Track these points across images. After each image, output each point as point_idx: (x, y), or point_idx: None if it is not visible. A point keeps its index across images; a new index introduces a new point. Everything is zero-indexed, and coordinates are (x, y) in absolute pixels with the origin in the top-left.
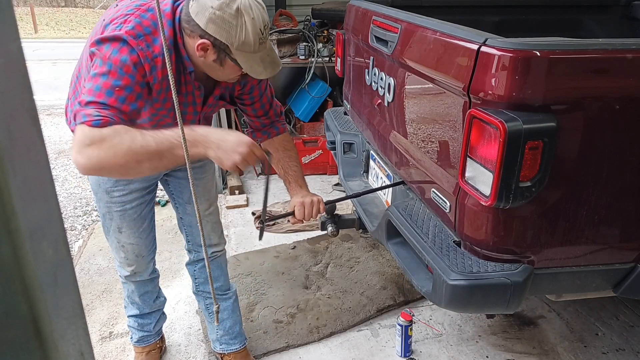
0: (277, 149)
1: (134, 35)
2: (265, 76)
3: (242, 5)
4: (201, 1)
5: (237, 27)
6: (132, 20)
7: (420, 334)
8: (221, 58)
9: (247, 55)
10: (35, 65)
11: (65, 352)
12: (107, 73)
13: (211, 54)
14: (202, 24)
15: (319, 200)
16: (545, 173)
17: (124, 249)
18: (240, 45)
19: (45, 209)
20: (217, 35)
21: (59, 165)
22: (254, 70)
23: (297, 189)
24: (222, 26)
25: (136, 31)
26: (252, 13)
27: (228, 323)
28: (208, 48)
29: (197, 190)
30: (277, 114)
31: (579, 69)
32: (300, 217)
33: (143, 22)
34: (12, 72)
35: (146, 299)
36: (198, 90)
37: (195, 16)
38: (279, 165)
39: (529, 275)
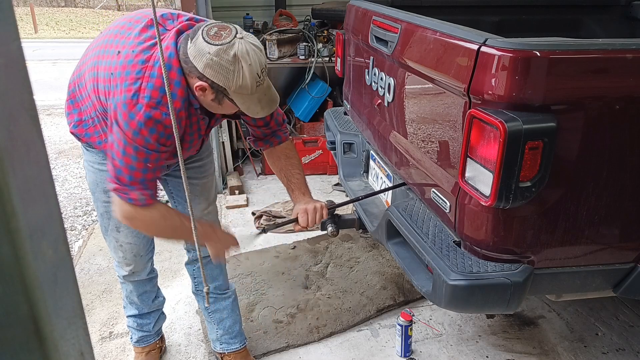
0: (279, 157)
1: (154, 106)
2: (262, 115)
3: (240, 52)
4: (199, 45)
5: (235, 73)
6: (145, 87)
7: (420, 334)
8: (219, 98)
9: (245, 97)
10: (35, 65)
11: (65, 352)
12: (136, 154)
13: (209, 94)
14: (199, 68)
15: (322, 207)
16: (545, 173)
17: (122, 248)
18: (237, 89)
19: (45, 209)
20: (214, 79)
21: (59, 165)
22: (251, 110)
23: (300, 196)
24: (219, 71)
25: (154, 100)
26: (249, 59)
27: (228, 322)
28: (206, 89)
29: (196, 190)
30: (278, 123)
31: (579, 69)
32: (304, 224)
33: (156, 84)
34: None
35: (145, 299)
36: (202, 121)
37: (193, 59)
38: (281, 174)
39: (529, 275)
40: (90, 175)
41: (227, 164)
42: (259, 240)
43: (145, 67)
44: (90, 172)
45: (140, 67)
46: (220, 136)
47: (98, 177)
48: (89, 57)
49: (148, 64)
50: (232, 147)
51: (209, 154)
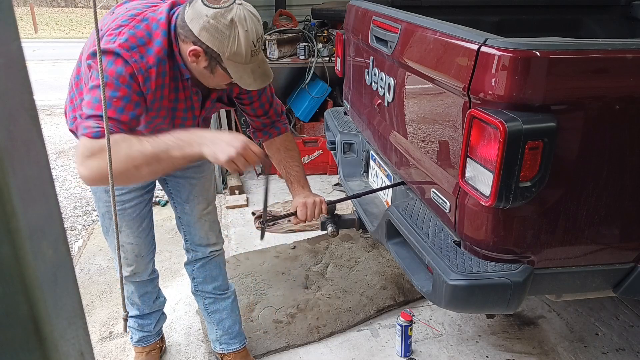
0: (278, 149)
1: (127, 48)
2: (255, 87)
3: (237, 16)
4: (196, 8)
5: (230, 38)
6: (125, 32)
7: (420, 334)
8: (212, 66)
9: (238, 66)
10: (35, 65)
11: (65, 352)
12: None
13: (202, 61)
14: (195, 31)
15: (321, 201)
16: (545, 173)
17: (124, 248)
18: (231, 56)
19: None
20: (209, 43)
21: (59, 165)
22: (243, 81)
23: (300, 189)
24: (215, 35)
25: (129, 43)
26: (246, 25)
27: (227, 322)
28: (200, 54)
29: (195, 190)
30: (277, 113)
31: (579, 69)
32: (303, 218)
33: (137, 33)
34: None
35: (146, 300)
36: (195, 95)
37: (189, 22)
38: (280, 166)
39: (529, 275)
40: None
41: None
42: (259, 240)
43: (132, 19)
44: None
45: (127, 19)
46: None
47: None
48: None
49: (136, 17)
50: None
51: None
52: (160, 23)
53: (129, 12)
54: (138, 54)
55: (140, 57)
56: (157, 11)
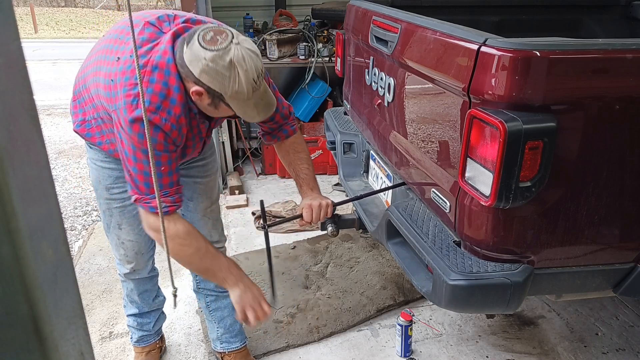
0: (287, 152)
1: (153, 111)
2: (259, 120)
3: (235, 57)
4: (195, 50)
5: (230, 79)
6: (144, 92)
7: (420, 334)
8: (215, 103)
9: (241, 102)
10: (35, 65)
11: (65, 352)
12: (147, 157)
13: (206, 99)
14: (196, 73)
15: (328, 204)
16: (545, 173)
17: (124, 245)
18: (233, 94)
19: (45, 209)
20: (210, 84)
21: (59, 165)
22: (247, 114)
23: (308, 191)
24: (215, 77)
25: (154, 105)
26: (245, 65)
27: (228, 321)
28: (202, 94)
29: (199, 189)
30: (284, 116)
31: (579, 69)
32: (308, 220)
33: (155, 89)
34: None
35: (145, 298)
36: (203, 124)
37: (189, 64)
38: (290, 168)
39: (529, 275)
40: (93, 172)
41: (227, 164)
42: (259, 240)
43: (143, 72)
44: (93, 169)
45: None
46: (220, 136)
47: (101, 174)
48: (92, 60)
49: (146, 68)
50: (232, 147)
51: (212, 153)
52: (170, 67)
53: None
54: (165, 112)
55: (167, 113)
56: (160, 51)
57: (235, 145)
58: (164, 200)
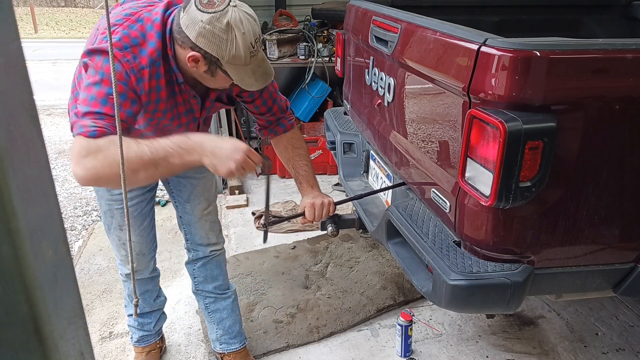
0: (286, 148)
1: (120, 47)
2: (256, 88)
3: (233, 19)
4: (191, 14)
5: (228, 42)
6: (119, 31)
7: (420, 334)
8: (212, 69)
9: (238, 68)
10: (35, 65)
11: (65, 352)
12: (100, 82)
13: (202, 66)
14: (192, 37)
15: (330, 202)
16: (545, 173)
17: (125, 246)
18: (230, 59)
19: (45, 209)
20: (207, 48)
21: (59, 165)
22: (245, 82)
23: (309, 189)
24: (212, 40)
25: (123, 42)
26: (243, 27)
27: (228, 322)
28: (199, 60)
29: (197, 190)
30: (282, 110)
31: (579, 69)
32: (311, 219)
33: (131, 33)
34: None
35: (146, 298)
36: (194, 99)
37: (185, 28)
38: (289, 165)
39: (529, 275)
40: None
41: None
42: (259, 240)
43: (126, 18)
44: None
45: (121, 18)
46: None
47: None
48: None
49: (131, 17)
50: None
51: None
52: (155, 24)
53: (124, 11)
54: (131, 54)
55: (133, 57)
56: (152, 12)
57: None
58: (97, 122)
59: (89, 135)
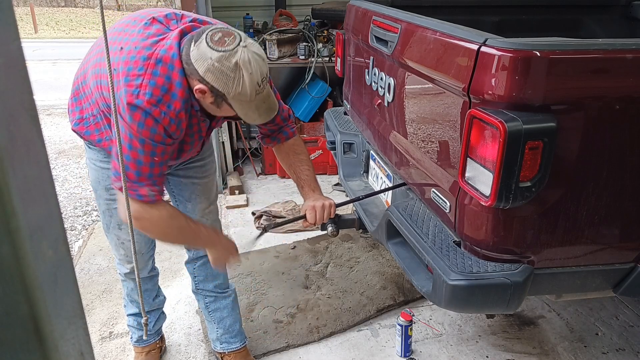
0: (287, 154)
1: (154, 103)
2: (260, 122)
3: (241, 60)
4: (202, 49)
5: (235, 80)
6: (147, 84)
7: (420, 334)
8: (218, 102)
9: (243, 104)
10: (35, 65)
11: (65, 352)
12: (143, 147)
13: (209, 97)
14: (200, 72)
15: (331, 204)
16: (545, 173)
17: (124, 246)
18: (236, 95)
19: (45, 209)
20: (214, 83)
21: (59, 165)
22: (248, 117)
23: (310, 192)
24: (220, 77)
25: (155, 98)
26: (251, 68)
27: (228, 321)
28: (206, 92)
29: (198, 190)
30: (284, 119)
31: (579, 69)
32: (312, 221)
33: (157, 82)
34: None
35: (145, 297)
36: (203, 123)
37: (194, 62)
38: (290, 170)
39: (529, 275)
40: (93, 173)
41: (227, 164)
42: (259, 240)
43: (147, 64)
44: (93, 170)
45: (142, 64)
46: (220, 136)
47: (100, 174)
48: (93, 54)
49: (150, 61)
50: (232, 147)
51: (210, 153)
52: (174, 62)
53: (139, 53)
54: (165, 105)
55: (167, 107)
56: (165, 46)
57: (235, 145)
58: (152, 189)
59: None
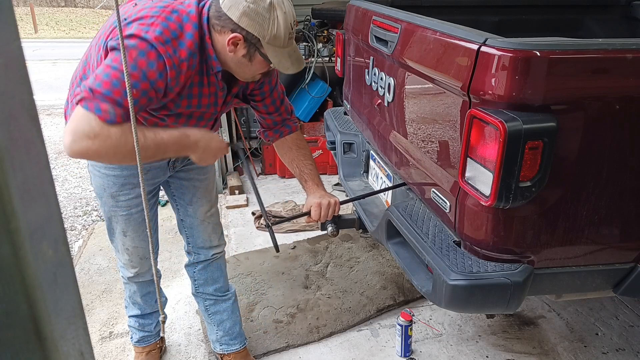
0: (290, 148)
1: (162, 42)
2: (293, 71)
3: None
4: None
5: (270, 21)
6: (159, 24)
7: (420, 334)
8: (251, 53)
9: (277, 50)
10: (35, 65)
11: (65, 352)
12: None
13: (241, 49)
14: (235, 18)
15: (336, 202)
16: (545, 173)
17: (128, 251)
18: (271, 39)
19: (45, 209)
20: (249, 28)
21: (59, 165)
22: (282, 64)
23: (314, 187)
24: (256, 19)
25: (164, 37)
26: (284, 7)
27: (228, 324)
28: (239, 42)
29: (199, 192)
30: (288, 111)
31: (579, 69)
32: (317, 219)
33: (170, 26)
34: (12, 72)
35: (148, 300)
36: (221, 91)
37: (227, 10)
38: (293, 165)
39: (529, 275)
40: (97, 180)
41: (227, 164)
42: (259, 240)
43: (163, 10)
44: (97, 177)
45: (157, 10)
46: (220, 136)
47: (105, 181)
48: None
49: (166, 9)
50: (232, 147)
51: None
52: (190, 16)
53: (156, 3)
54: (172, 48)
55: (173, 50)
56: (184, 3)
57: (235, 146)
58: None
59: (107, 122)
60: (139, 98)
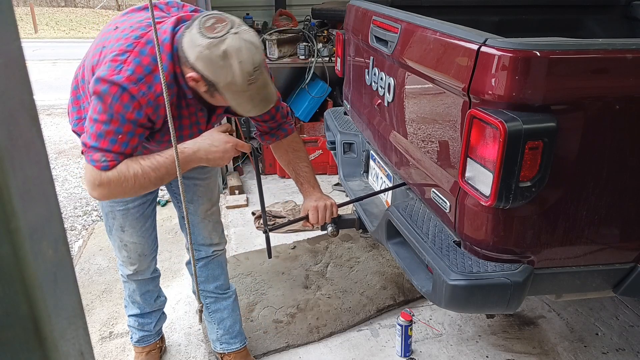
0: (286, 151)
1: (134, 81)
2: (254, 114)
3: (230, 47)
4: (193, 36)
5: (224, 69)
6: (131, 61)
7: (420, 334)
8: (211, 91)
9: (235, 93)
10: (35, 65)
11: (65, 352)
12: (109, 121)
13: (202, 86)
14: (191, 59)
15: (332, 204)
16: (545, 173)
17: (127, 248)
18: (226, 85)
19: (45, 209)
20: (204, 72)
21: (59, 165)
22: (241, 108)
23: (310, 190)
24: (209, 65)
25: (136, 75)
26: (241, 56)
27: (228, 322)
28: (199, 80)
29: (200, 191)
30: (283, 116)
31: (579, 69)
32: (314, 222)
33: (143, 61)
34: (12, 72)
35: (147, 298)
36: (201, 112)
37: (186, 49)
38: (289, 167)
39: (529, 275)
40: None
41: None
42: (259, 240)
43: (137, 42)
44: None
45: (132, 41)
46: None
47: None
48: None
49: (141, 40)
50: None
51: None
52: (164, 45)
53: (133, 32)
54: (145, 85)
55: (147, 87)
56: (160, 29)
57: None
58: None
59: (102, 169)
60: (128, 141)
